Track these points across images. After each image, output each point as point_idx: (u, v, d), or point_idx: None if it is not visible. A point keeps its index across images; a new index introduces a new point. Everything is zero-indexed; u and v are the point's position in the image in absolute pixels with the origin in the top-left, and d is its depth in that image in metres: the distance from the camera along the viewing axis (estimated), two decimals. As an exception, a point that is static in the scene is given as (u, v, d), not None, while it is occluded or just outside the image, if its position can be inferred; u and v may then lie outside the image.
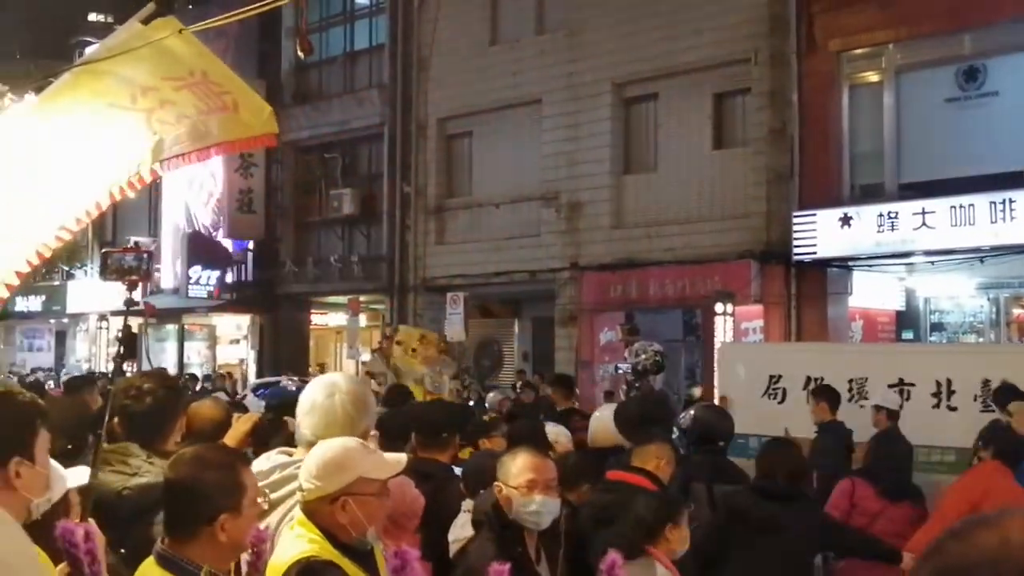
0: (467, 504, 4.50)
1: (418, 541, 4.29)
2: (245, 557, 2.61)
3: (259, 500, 2.71)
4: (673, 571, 4.34)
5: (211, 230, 25.36)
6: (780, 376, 10.44)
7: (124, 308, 4.56)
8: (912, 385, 9.33)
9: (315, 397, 3.37)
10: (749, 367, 10.92)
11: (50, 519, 2.32)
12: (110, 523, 3.14)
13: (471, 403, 13.08)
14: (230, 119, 4.94)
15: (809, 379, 9.99)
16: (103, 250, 23.33)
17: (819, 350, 12.47)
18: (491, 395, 14.64)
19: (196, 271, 24.30)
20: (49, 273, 30.13)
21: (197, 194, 25.66)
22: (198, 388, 18.12)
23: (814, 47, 16.03)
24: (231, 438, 4.32)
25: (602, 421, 6.58)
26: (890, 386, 9.34)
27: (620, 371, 14.08)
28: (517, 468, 4.02)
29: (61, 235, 4.32)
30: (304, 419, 3.35)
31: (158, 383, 4.19)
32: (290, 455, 3.35)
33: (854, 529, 6.19)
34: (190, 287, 24.24)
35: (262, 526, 2.72)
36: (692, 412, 7.33)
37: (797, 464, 5.67)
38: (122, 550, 3.11)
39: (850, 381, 9.71)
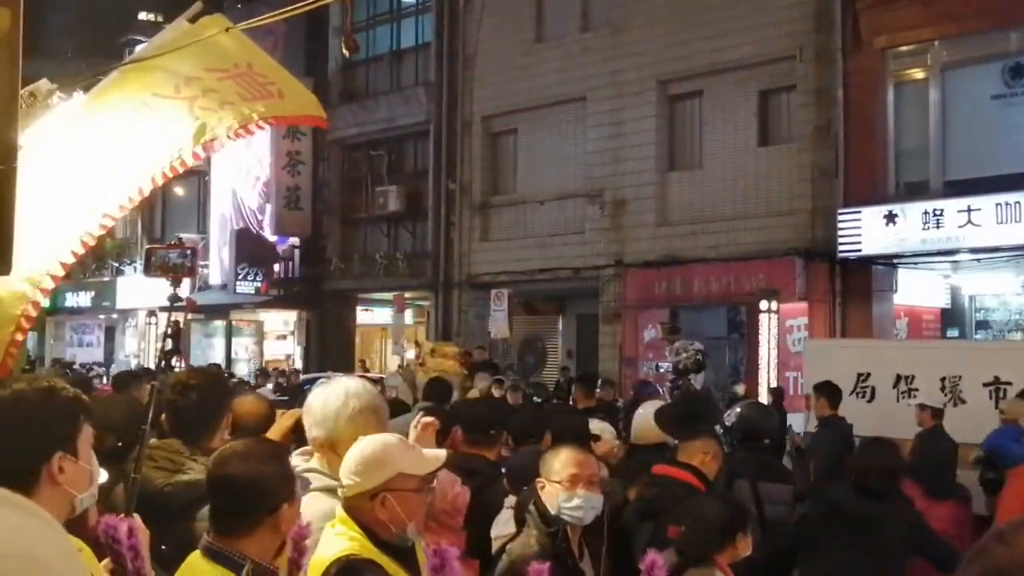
0: (509, 500, 4.50)
1: (463, 539, 4.32)
2: (287, 554, 2.64)
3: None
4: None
5: (257, 214, 25.62)
6: (869, 374, 10.18)
7: (168, 303, 4.59)
8: (1008, 384, 9.00)
9: (326, 402, 3.40)
10: (836, 365, 10.58)
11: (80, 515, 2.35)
12: (152, 519, 3.22)
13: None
14: (275, 104, 5.00)
15: (899, 377, 9.75)
16: (148, 247, 23.72)
17: (910, 347, 12.19)
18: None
19: (244, 267, 24.59)
20: (99, 269, 30.61)
21: (244, 178, 25.93)
22: (250, 383, 18.37)
23: (859, 44, 15.91)
24: (274, 433, 4.36)
25: (644, 418, 6.59)
26: (985, 385, 9.10)
27: (661, 370, 14.09)
28: (560, 464, 4.03)
29: (105, 223, 4.38)
30: (313, 425, 3.38)
31: (204, 379, 4.20)
32: (309, 457, 3.38)
33: (945, 541, 6.01)
34: (238, 283, 24.53)
35: None
36: (737, 409, 7.34)
37: (894, 463, 5.64)
38: (163, 547, 3.11)
39: (943, 379, 9.44)
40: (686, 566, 4.10)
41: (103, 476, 2.63)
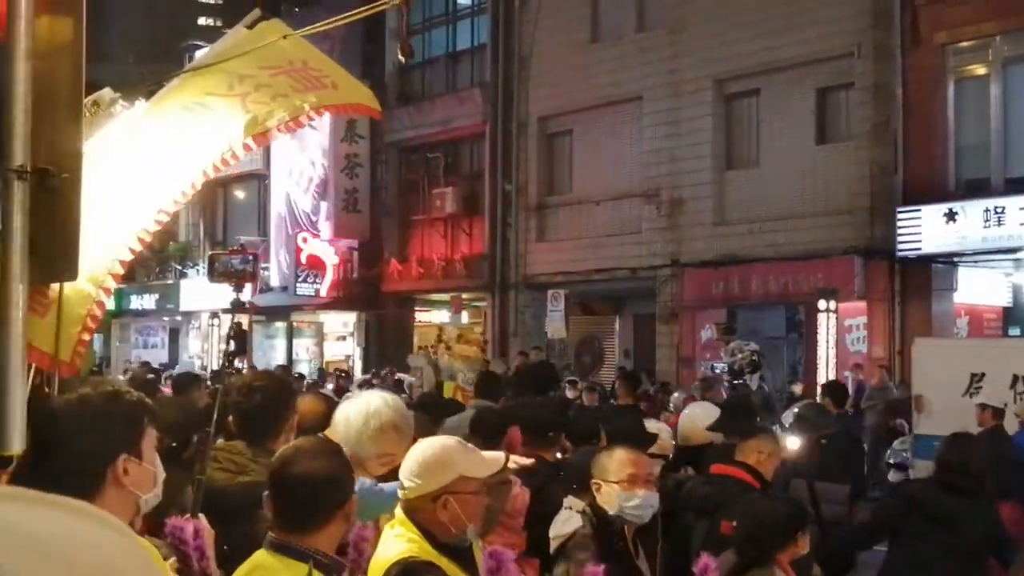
0: (568, 500, 4.53)
1: (524, 539, 4.34)
2: (350, 554, 2.69)
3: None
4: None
5: (311, 215, 25.90)
6: (983, 374, 9.99)
7: (231, 307, 4.63)
8: None
9: (348, 421, 3.45)
10: (948, 365, 10.41)
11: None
12: (214, 520, 3.19)
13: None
14: (328, 94, 5.08)
15: (1016, 377, 9.57)
16: (210, 253, 24.07)
17: None
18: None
19: (303, 270, 24.87)
20: (163, 272, 31.16)
21: (298, 180, 26.23)
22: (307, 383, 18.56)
23: (918, 40, 15.70)
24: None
25: (692, 419, 6.59)
26: None
27: (717, 370, 14.03)
28: (616, 464, 4.06)
29: (160, 218, 4.47)
30: (331, 433, 3.45)
31: (269, 382, 4.24)
32: None
33: (1018, 545, 5.95)
34: (298, 285, 24.81)
35: None
36: (795, 409, 7.31)
37: (980, 460, 5.58)
38: (224, 547, 3.15)
39: None
40: (747, 566, 4.09)
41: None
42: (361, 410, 3.49)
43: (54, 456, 2.44)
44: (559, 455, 5.64)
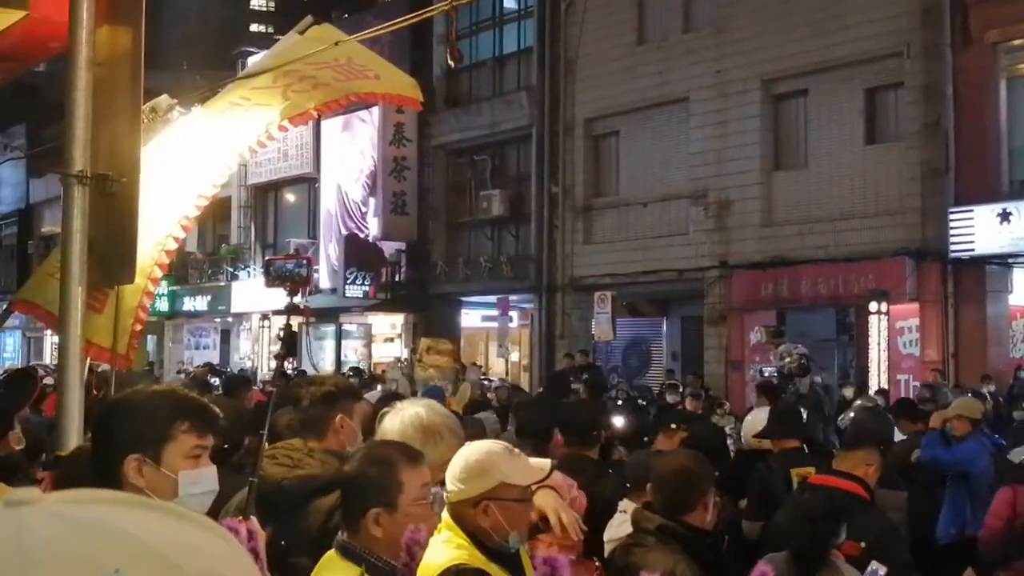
0: (624, 504, 4.51)
1: (581, 541, 4.32)
2: (402, 558, 2.71)
3: (422, 501, 2.67)
4: None
5: (361, 206, 26.08)
6: None
7: (285, 311, 4.69)
8: None
9: (385, 434, 3.44)
10: None
11: None
12: (270, 514, 3.26)
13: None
14: (371, 83, 5.16)
15: None
16: (266, 259, 24.28)
17: None
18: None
19: (352, 272, 25.07)
20: (215, 274, 31.54)
21: (348, 171, 26.44)
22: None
23: (969, 39, 15.50)
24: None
25: (754, 424, 6.56)
26: None
27: (766, 374, 13.92)
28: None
29: (199, 203, 4.56)
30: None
31: (335, 381, 4.33)
32: None
33: None
34: (347, 287, 24.99)
35: None
36: (851, 413, 7.26)
37: None
38: (282, 542, 3.19)
39: None
40: (811, 570, 4.06)
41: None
42: (396, 424, 3.49)
43: (92, 453, 2.49)
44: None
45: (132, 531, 0.75)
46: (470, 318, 26.06)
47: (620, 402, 13.69)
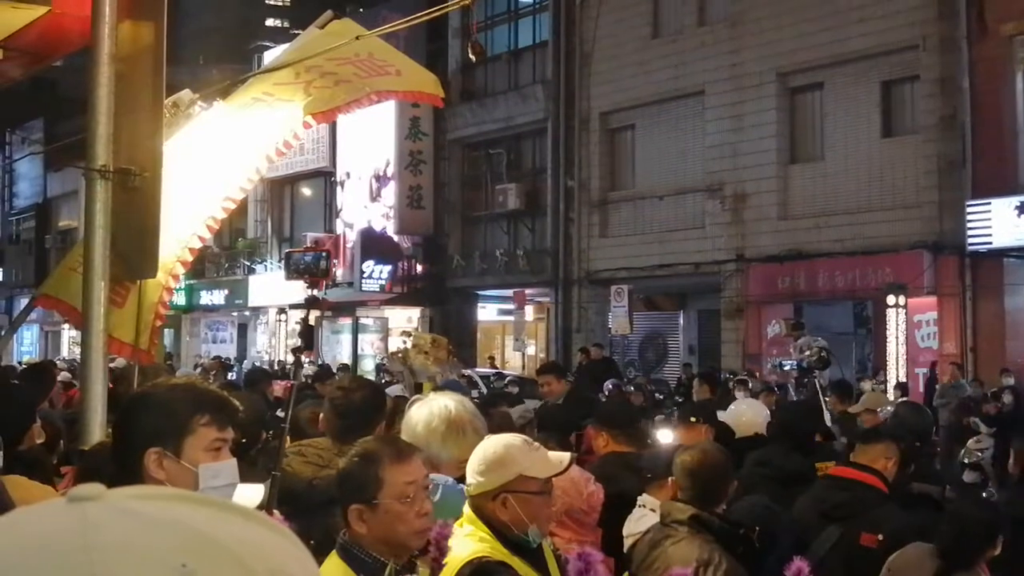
0: (643, 499, 4.50)
1: (599, 536, 4.32)
2: (431, 552, 2.66)
3: (407, 498, 2.59)
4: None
5: (378, 201, 26.16)
6: None
7: (305, 304, 4.70)
8: None
9: (416, 425, 3.45)
10: None
11: None
12: (300, 512, 3.27)
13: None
14: (392, 80, 5.15)
15: None
16: (286, 251, 24.36)
17: None
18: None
19: (369, 266, 25.12)
20: (231, 268, 31.66)
21: (365, 165, 26.50)
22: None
23: (985, 31, 15.43)
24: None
25: (738, 414, 6.62)
26: None
27: (786, 368, 13.86)
28: None
29: (227, 205, 4.55)
30: (401, 435, 3.44)
31: (368, 384, 4.38)
32: None
33: None
34: (364, 281, 25.05)
35: None
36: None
37: None
38: (312, 541, 3.25)
39: None
40: (951, 570, 4.04)
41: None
42: (425, 415, 3.50)
43: (113, 447, 2.49)
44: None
45: (201, 528, 0.74)
46: (486, 311, 26.10)
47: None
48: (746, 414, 6.50)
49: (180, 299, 30.99)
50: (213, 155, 4.66)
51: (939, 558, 4.03)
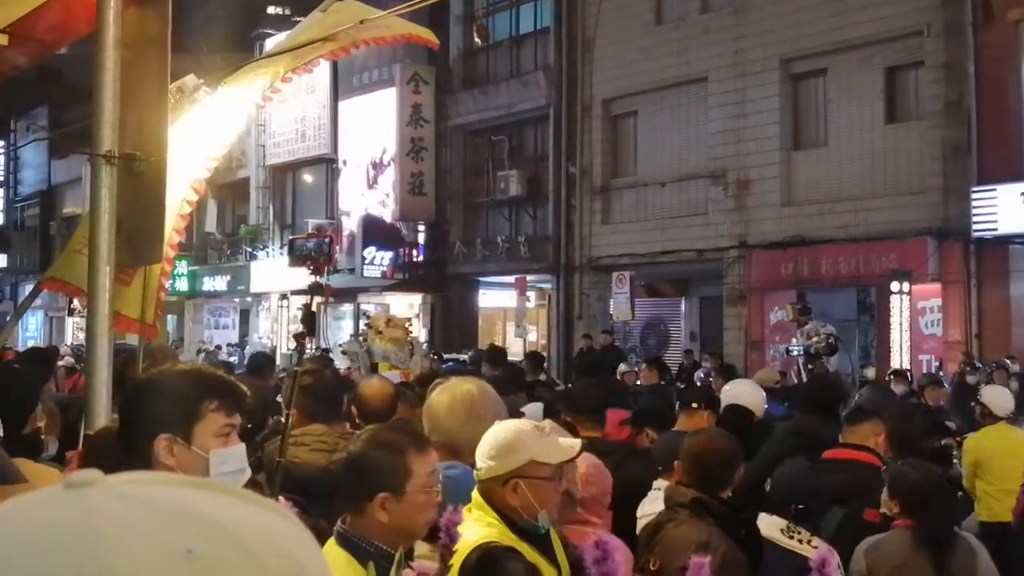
0: (659, 483, 4.51)
1: (611, 518, 4.34)
2: (441, 539, 2.63)
3: (429, 488, 2.62)
4: None
5: (379, 187, 26.15)
6: None
7: (308, 291, 4.74)
8: None
9: (437, 407, 3.45)
10: None
11: None
12: (314, 499, 3.28)
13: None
14: (382, 32, 5.21)
15: None
16: (289, 238, 24.37)
17: None
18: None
19: (371, 252, 25.11)
20: (234, 254, 31.71)
21: (366, 151, 26.46)
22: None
23: (991, 17, 15.37)
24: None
25: (735, 395, 6.66)
26: None
27: (793, 353, 13.87)
28: None
29: (209, 166, 4.59)
30: (431, 430, 3.44)
31: (323, 365, 4.45)
32: None
33: None
34: (365, 267, 25.04)
35: None
36: (858, 396, 7.29)
37: None
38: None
39: None
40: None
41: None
42: (447, 399, 3.50)
43: (120, 433, 2.49)
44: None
45: (205, 512, 0.74)
46: (488, 298, 26.10)
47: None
48: (743, 396, 6.51)
49: (183, 285, 31.11)
50: (198, 127, 4.69)
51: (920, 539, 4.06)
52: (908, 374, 13.48)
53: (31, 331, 39.13)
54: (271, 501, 0.82)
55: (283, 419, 3.78)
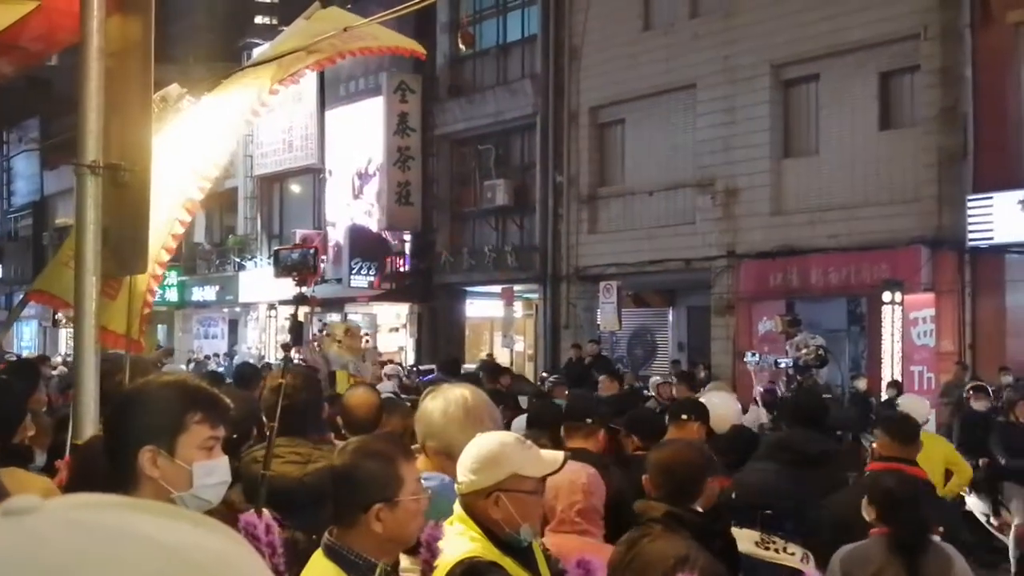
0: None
1: (602, 528, 4.32)
2: (422, 554, 2.64)
3: (420, 496, 2.63)
4: None
5: (365, 197, 26.07)
6: None
7: (294, 301, 4.74)
8: None
9: (432, 412, 3.41)
10: None
11: None
12: (290, 511, 3.29)
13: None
14: (368, 43, 5.20)
15: None
16: (274, 249, 24.26)
17: None
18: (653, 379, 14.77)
19: (357, 262, 25.06)
20: (222, 264, 31.66)
21: (353, 161, 26.38)
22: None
23: (989, 20, 15.25)
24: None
25: (715, 406, 6.63)
26: None
27: (782, 365, 13.83)
28: None
29: (203, 185, 4.57)
30: (427, 436, 3.42)
31: (304, 377, 4.42)
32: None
33: None
34: (352, 278, 24.99)
35: None
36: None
37: None
38: (313, 536, 3.17)
39: None
40: None
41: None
42: (441, 404, 3.45)
43: (105, 444, 2.49)
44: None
45: (159, 538, 0.70)
46: (474, 308, 26.05)
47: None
48: (719, 408, 6.46)
49: (172, 295, 31.11)
50: (190, 141, 4.66)
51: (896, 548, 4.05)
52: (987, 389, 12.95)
53: (25, 341, 39.44)
54: (219, 523, 0.78)
55: (267, 431, 3.78)
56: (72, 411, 3.62)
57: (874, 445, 5.99)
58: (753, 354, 14.11)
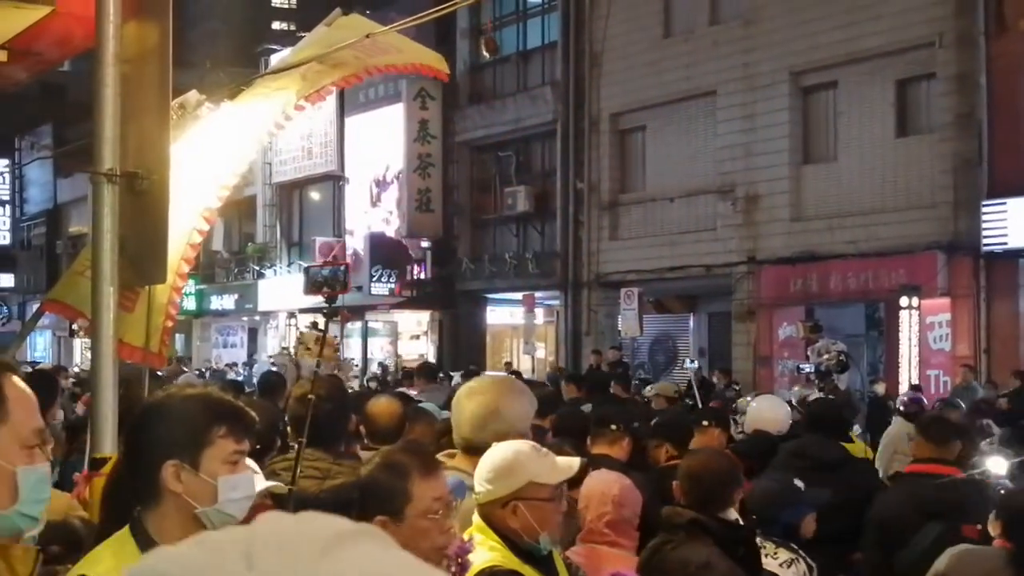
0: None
1: (636, 539, 4.30)
2: (451, 569, 2.61)
3: (433, 515, 2.55)
4: None
5: (386, 204, 26.13)
6: None
7: (326, 315, 4.69)
8: None
9: (462, 409, 3.40)
10: None
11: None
12: None
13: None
14: (392, 57, 5.15)
15: None
16: (305, 266, 24.33)
17: None
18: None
19: (378, 269, 25.09)
20: (241, 272, 31.69)
21: (373, 168, 26.46)
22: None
23: (1004, 27, 15.26)
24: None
25: (760, 411, 6.63)
26: None
27: (803, 371, 13.82)
28: None
29: (221, 194, 4.52)
30: (457, 432, 3.41)
31: (331, 387, 4.36)
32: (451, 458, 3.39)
33: None
34: (373, 285, 25.01)
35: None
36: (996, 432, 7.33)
37: None
38: None
39: None
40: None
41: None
42: (464, 393, 3.46)
43: (127, 458, 2.45)
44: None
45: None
46: (496, 315, 26.03)
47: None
48: (766, 412, 6.47)
49: (191, 304, 31.07)
50: (209, 149, 4.62)
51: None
52: None
53: (39, 351, 39.11)
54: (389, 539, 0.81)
55: (290, 443, 3.73)
56: (90, 424, 3.55)
57: (911, 447, 5.97)
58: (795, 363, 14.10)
